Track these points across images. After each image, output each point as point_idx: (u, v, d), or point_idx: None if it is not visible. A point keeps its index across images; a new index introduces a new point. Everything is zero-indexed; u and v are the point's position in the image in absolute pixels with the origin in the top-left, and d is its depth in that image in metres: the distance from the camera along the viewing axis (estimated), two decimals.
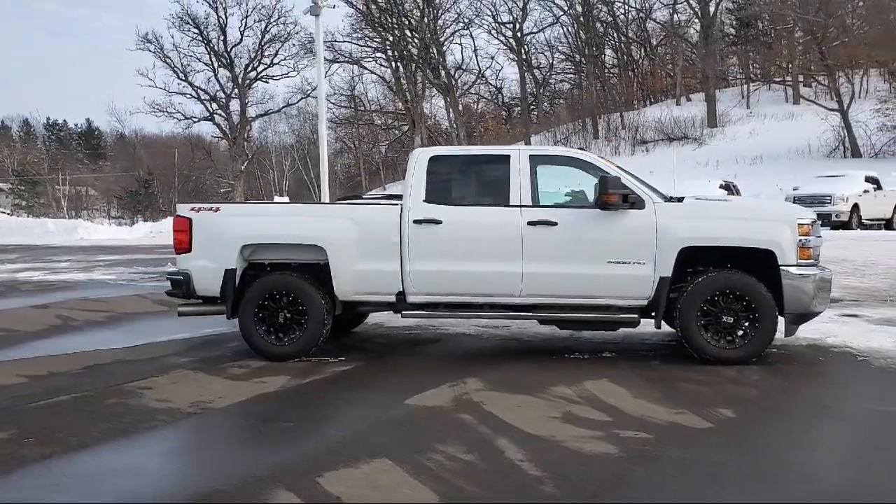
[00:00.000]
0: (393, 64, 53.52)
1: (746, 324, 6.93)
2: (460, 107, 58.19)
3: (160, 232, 43.60)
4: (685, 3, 53.02)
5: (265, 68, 53.56)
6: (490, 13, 56.63)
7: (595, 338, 8.38)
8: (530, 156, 7.41)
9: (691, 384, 6.35)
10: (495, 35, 58.88)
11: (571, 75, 62.83)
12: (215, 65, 53.00)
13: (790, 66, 48.75)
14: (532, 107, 61.03)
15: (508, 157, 7.43)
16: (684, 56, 57.06)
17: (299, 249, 7.56)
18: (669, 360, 7.29)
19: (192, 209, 7.66)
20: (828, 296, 7.06)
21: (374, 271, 7.36)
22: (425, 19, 53.30)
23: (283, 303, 7.47)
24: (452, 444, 4.82)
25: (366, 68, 58.39)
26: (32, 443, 5.02)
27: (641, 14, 56.80)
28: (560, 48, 60.19)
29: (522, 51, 57.13)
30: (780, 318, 6.98)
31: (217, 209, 7.65)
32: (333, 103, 62.54)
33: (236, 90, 53.57)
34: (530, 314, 7.36)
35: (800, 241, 6.90)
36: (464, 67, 58.40)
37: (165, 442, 5.23)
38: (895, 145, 36.30)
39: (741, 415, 5.46)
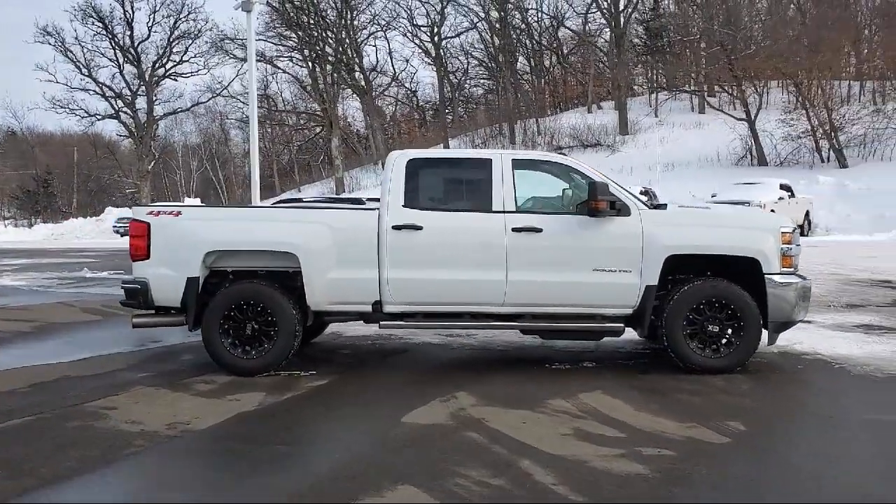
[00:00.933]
0: (309, 64, 52.59)
1: (730, 333, 6.89)
2: (376, 109, 57.73)
3: (62, 234, 41.60)
4: (597, 12, 54.04)
5: (174, 65, 51.91)
6: (406, 16, 56.43)
7: (569, 347, 8.21)
8: (512, 160, 7.18)
9: (685, 395, 6.24)
10: (411, 38, 58.76)
11: (486, 80, 63.25)
12: (121, 60, 51.13)
13: (697, 76, 50.28)
14: (448, 111, 61.05)
15: (490, 160, 7.18)
16: (595, 65, 58.22)
17: (268, 256, 7.12)
18: (651, 369, 7.19)
19: (151, 212, 7.11)
20: (808, 304, 7.09)
21: (350, 279, 6.98)
22: (342, 20, 52.63)
23: (250, 313, 7.01)
24: (474, 466, 4.52)
25: (279, 68, 57.33)
26: (1, 476, 4.46)
27: (554, 22, 57.63)
28: (475, 54, 60.49)
29: (440, 55, 57.11)
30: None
31: (178, 213, 7.12)
32: (244, 102, 61.17)
33: (143, 87, 51.63)
34: (513, 324, 7.14)
35: (782, 249, 6.91)
36: (378, 69, 58.02)
37: (153, 470, 4.72)
38: (799, 154, 37.82)
39: (752, 428, 5.36)
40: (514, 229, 6.92)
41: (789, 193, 26.09)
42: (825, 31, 39.12)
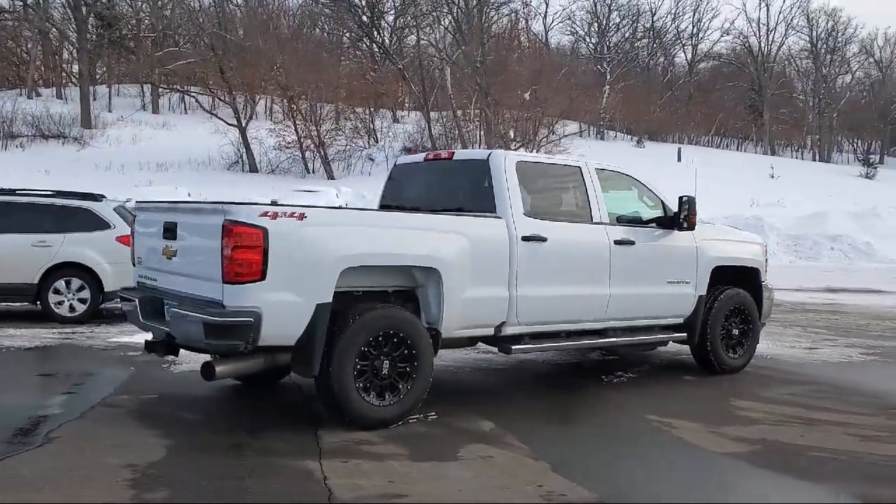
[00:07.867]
0: None
1: (742, 336, 7.73)
2: None
3: None
4: None
5: None
6: None
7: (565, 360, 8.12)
8: (596, 169, 6.87)
9: (775, 393, 6.88)
10: None
11: None
12: None
13: (151, 73, 48.15)
14: None
15: (580, 168, 6.77)
16: (35, 44, 51.98)
17: (402, 273, 5.57)
18: (683, 371, 7.67)
19: (267, 214, 4.88)
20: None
21: (484, 298, 5.88)
22: None
23: (385, 347, 5.35)
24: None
25: None
26: None
27: None
28: None
29: None
30: None
31: (302, 215, 5.02)
32: None
33: None
34: (602, 339, 6.86)
35: (765, 260, 8.08)
36: None
37: None
38: (290, 163, 39.86)
39: None
40: (615, 242, 6.67)
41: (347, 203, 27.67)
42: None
